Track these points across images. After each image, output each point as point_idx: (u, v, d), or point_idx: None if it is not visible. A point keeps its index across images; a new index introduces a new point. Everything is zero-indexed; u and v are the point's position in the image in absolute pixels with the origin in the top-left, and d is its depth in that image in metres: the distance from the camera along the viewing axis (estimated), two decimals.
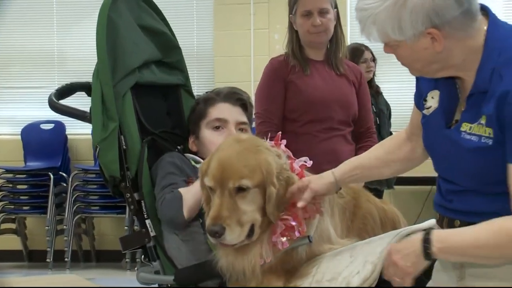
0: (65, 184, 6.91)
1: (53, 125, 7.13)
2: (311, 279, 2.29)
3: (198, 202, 2.52)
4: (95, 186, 6.80)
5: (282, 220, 2.30)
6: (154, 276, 2.70)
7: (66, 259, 6.74)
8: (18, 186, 7.01)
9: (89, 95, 2.79)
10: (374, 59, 5.75)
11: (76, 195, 6.78)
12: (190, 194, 2.57)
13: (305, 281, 2.30)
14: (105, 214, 6.90)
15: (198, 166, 2.73)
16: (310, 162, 2.47)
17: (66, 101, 2.86)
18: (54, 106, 2.80)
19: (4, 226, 7.03)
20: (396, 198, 6.23)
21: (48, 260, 6.74)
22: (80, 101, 2.96)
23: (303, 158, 2.47)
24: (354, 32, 6.58)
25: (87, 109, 2.76)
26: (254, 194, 2.27)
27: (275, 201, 2.27)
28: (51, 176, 6.76)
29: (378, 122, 5.48)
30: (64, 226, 6.76)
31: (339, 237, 2.44)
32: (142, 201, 2.73)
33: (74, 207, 6.77)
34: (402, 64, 2.01)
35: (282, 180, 2.29)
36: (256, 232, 2.29)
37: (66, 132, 7.11)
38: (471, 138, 1.89)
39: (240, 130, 2.88)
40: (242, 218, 2.25)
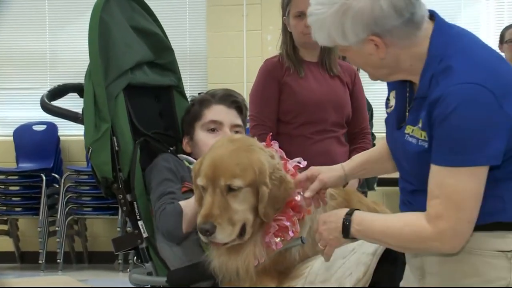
0: (57, 186, 6.88)
1: (45, 126, 7.10)
2: (303, 280, 2.29)
3: (196, 216, 2.49)
4: (87, 188, 6.77)
5: (276, 221, 2.30)
6: (147, 277, 2.70)
7: (58, 260, 6.71)
8: (10, 188, 6.98)
9: (81, 96, 2.79)
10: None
11: (68, 196, 6.76)
12: (189, 208, 2.54)
13: (298, 282, 2.31)
14: (97, 216, 6.88)
15: (192, 167, 2.73)
16: (304, 162, 2.47)
17: (59, 102, 2.85)
18: (46, 107, 2.79)
19: None
20: (388, 199, 6.24)
21: (40, 261, 6.72)
22: (72, 102, 2.95)
23: (297, 159, 2.48)
24: None
25: (80, 110, 2.76)
26: (246, 194, 2.28)
27: (268, 201, 2.27)
28: (44, 177, 6.73)
29: None
30: (57, 228, 6.73)
31: None
32: (134, 203, 2.72)
33: (67, 209, 6.74)
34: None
35: (275, 180, 2.29)
36: (248, 231, 2.29)
37: (59, 133, 7.08)
38: (412, 141, 1.94)
39: (235, 133, 2.88)
40: (233, 217, 2.26)
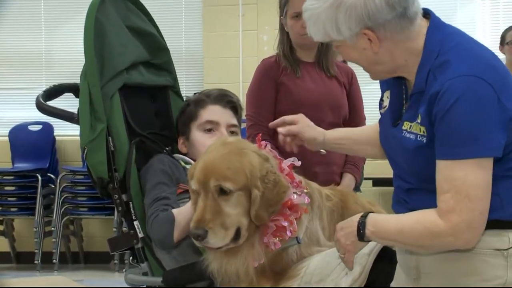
0: (53, 186, 6.87)
1: (41, 126, 7.09)
2: (299, 280, 2.29)
3: (189, 224, 2.47)
4: (83, 188, 6.76)
5: (273, 221, 2.30)
6: (142, 277, 2.70)
7: (54, 260, 6.70)
8: (6, 188, 6.97)
9: (77, 96, 2.78)
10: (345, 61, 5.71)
11: (64, 196, 6.75)
12: (182, 216, 2.53)
13: (293, 282, 2.30)
14: (93, 216, 6.87)
15: (188, 167, 2.72)
16: (298, 162, 2.47)
17: (54, 102, 2.85)
18: (41, 107, 2.79)
19: None
20: (384, 199, 6.25)
21: (36, 261, 6.71)
22: (68, 102, 2.95)
23: (291, 158, 2.47)
24: None
25: (75, 110, 2.76)
26: (238, 197, 2.26)
27: (261, 204, 2.25)
28: (39, 177, 6.72)
29: None
30: (52, 228, 6.73)
31: (327, 239, 2.44)
32: (130, 203, 2.72)
33: (62, 209, 6.73)
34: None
35: (268, 183, 2.27)
36: (243, 235, 2.28)
37: (54, 134, 7.07)
38: (410, 137, 1.95)
39: (231, 133, 2.87)
40: (226, 221, 2.24)
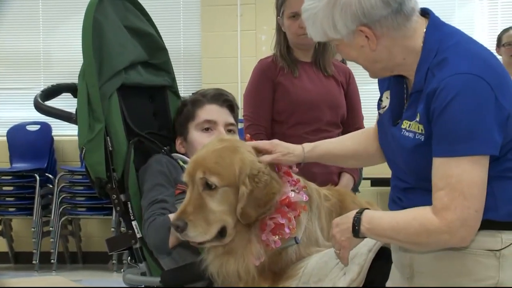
0: (51, 186, 6.87)
1: (39, 126, 7.08)
2: (297, 280, 2.29)
3: None
4: (81, 188, 6.76)
5: (271, 219, 2.29)
6: (141, 277, 2.70)
7: (52, 260, 6.70)
8: (4, 188, 6.96)
9: (75, 96, 2.79)
10: (344, 61, 5.70)
11: (62, 196, 6.74)
12: None
13: (292, 282, 2.30)
14: (91, 216, 6.87)
15: (186, 166, 2.72)
16: None
17: (52, 102, 2.85)
18: (39, 107, 2.79)
19: None
20: (382, 199, 6.25)
21: (34, 262, 6.70)
22: (66, 102, 2.95)
23: None
24: None
25: (73, 110, 2.76)
26: (224, 194, 2.26)
27: (248, 202, 2.23)
28: (37, 177, 6.72)
29: None
30: (50, 228, 6.72)
31: (326, 240, 2.44)
32: (128, 203, 2.72)
33: (61, 209, 6.72)
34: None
35: (259, 182, 2.25)
36: (229, 234, 2.27)
37: (52, 134, 7.07)
38: (409, 135, 1.95)
39: (229, 131, 2.88)
40: (208, 216, 2.24)
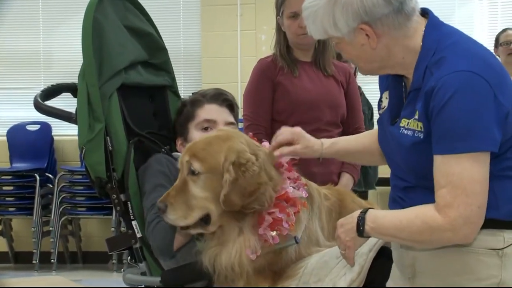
0: (51, 186, 6.87)
1: (39, 126, 7.08)
2: (297, 280, 2.29)
3: (188, 233, 2.49)
4: (81, 188, 6.76)
5: (269, 214, 2.29)
6: (141, 277, 2.69)
7: (52, 260, 6.70)
8: (4, 188, 6.96)
9: (75, 96, 2.78)
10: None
11: (62, 196, 6.74)
12: None
13: (292, 282, 2.30)
14: (91, 216, 6.87)
15: None
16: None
17: (52, 102, 2.85)
18: (39, 107, 2.79)
19: None
20: (383, 199, 6.25)
21: (34, 261, 6.70)
22: (66, 102, 2.95)
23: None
24: None
25: (73, 110, 2.76)
26: (206, 180, 2.29)
27: (231, 189, 2.24)
28: (37, 177, 6.72)
29: None
30: (51, 228, 6.72)
31: (326, 239, 2.45)
32: (128, 202, 2.72)
33: (60, 209, 6.73)
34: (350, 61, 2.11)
35: (246, 171, 2.25)
36: (213, 222, 2.30)
37: (52, 133, 7.07)
38: (407, 133, 1.96)
39: None
40: (190, 201, 2.29)
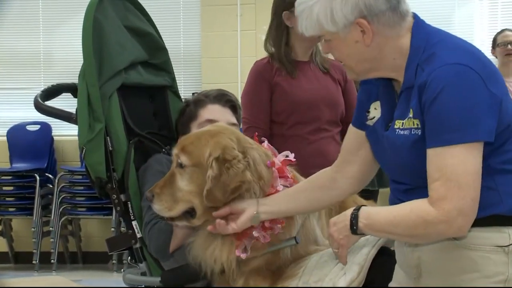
0: (51, 186, 6.86)
1: (39, 126, 7.07)
2: (297, 280, 2.29)
3: (186, 236, 2.50)
4: (81, 188, 6.75)
5: None
6: (141, 277, 2.70)
7: (52, 260, 6.69)
8: (4, 188, 6.95)
9: (75, 96, 2.79)
10: None
11: (62, 196, 6.74)
12: (179, 228, 2.53)
13: (291, 282, 2.30)
14: (91, 216, 6.86)
15: None
16: (292, 155, 2.45)
17: (52, 102, 2.85)
18: (40, 107, 2.79)
19: None
20: (382, 199, 6.24)
21: (34, 262, 6.69)
22: (66, 102, 2.95)
23: (285, 153, 2.45)
24: None
25: (73, 110, 2.76)
26: (192, 174, 2.30)
27: (215, 184, 2.24)
28: (37, 177, 6.71)
29: None
30: (51, 228, 6.72)
31: (325, 238, 2.44)
32: (128, 203, 2.72)
33: (61, 209, 6.72)
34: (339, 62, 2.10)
35: (230, 168, 2.25)
36: (198, 215, 2.31)
37: (52, 134, 7.06)
38: (404, 133, 1.96)
39: None
40: (175, 193, 2.31)
